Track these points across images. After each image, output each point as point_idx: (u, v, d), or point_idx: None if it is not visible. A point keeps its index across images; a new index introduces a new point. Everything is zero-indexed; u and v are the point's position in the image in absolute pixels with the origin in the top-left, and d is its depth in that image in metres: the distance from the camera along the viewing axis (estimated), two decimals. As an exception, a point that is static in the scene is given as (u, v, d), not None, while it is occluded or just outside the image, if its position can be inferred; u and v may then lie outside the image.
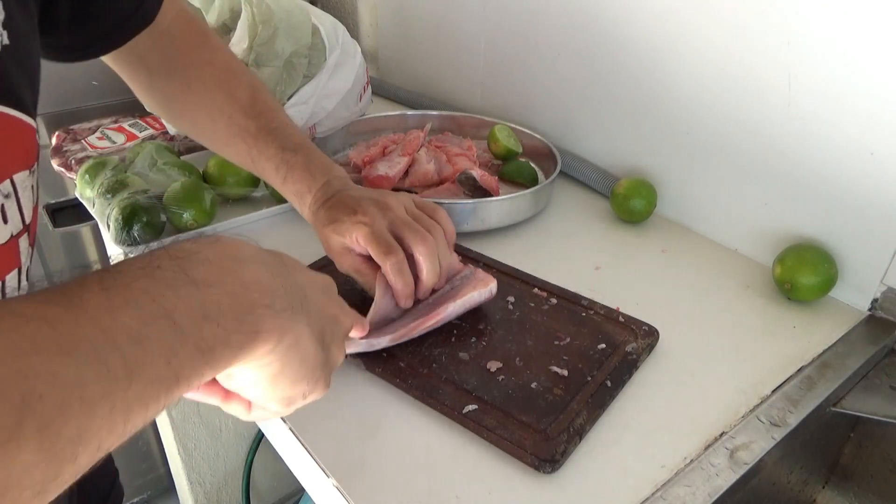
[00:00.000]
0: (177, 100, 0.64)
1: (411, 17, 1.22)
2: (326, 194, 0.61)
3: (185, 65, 0.63)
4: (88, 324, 0.26)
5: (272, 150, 0.62)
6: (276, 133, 0.63)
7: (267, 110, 0.64)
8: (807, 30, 0.66)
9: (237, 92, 0.64)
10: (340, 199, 0.60)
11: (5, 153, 0.40)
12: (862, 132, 0.65)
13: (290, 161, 0.62)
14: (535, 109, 1.02)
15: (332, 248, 0.60)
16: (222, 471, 1.31)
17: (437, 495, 0.48)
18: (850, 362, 0.63)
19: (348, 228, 0.57)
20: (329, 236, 0.59)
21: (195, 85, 0.63)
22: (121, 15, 0.56)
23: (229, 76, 0.65)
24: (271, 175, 0.63)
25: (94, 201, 0.77)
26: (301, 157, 0.62)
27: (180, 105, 0.64)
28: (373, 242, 0.56)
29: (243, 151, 0.63)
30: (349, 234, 0.57)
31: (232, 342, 0.32)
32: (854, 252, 0.70)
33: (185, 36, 0.63)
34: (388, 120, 1.03)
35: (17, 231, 0.42)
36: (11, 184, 0.40)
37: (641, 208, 0.83)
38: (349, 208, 0.58)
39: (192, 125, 0.67)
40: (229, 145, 0.64)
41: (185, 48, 0.63)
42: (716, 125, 0.78)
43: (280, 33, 0.80)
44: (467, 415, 0.52)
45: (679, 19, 0.78)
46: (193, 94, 0.63)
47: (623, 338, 0.61)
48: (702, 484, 0.49)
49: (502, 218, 0.80)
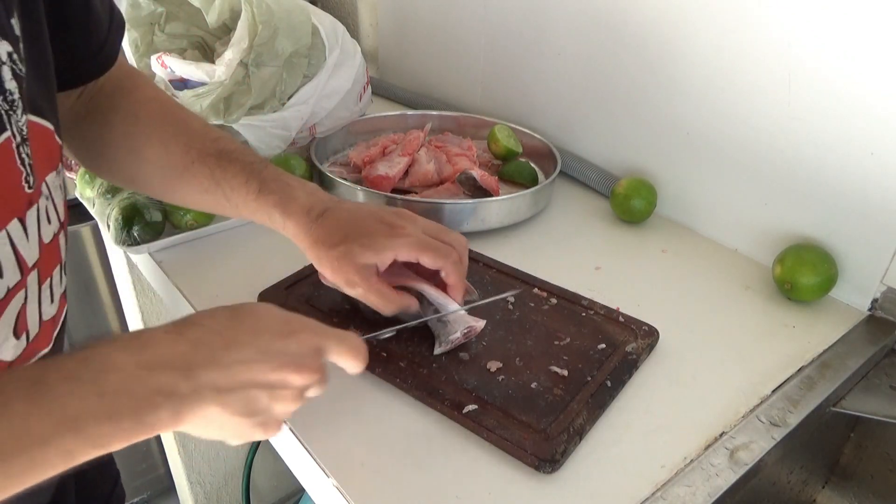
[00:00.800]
0: (122, 138, 0.60)
1: (411, 17, 1.22)
2: (320, 204, 0.57)
3: (133, 101, 0.60)
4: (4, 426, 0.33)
5: (237, 166, 0.58)
6: (238, 153, 0.59)
7: (222, 136, 0.61)
8: (807, 30, 0.66)
9: (190, 120, 0.61)
10: (346, 213, 0.56)
11: (37, 158, 0.42)
12: (862, 132, 0.65)
13: (262, 173, 0.58)
14: (535, 109, 1.02)
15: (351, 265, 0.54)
16: (222, 471, 1.31)
17: (437, 495, 0.48)
18: (850, 362, 0.63)
19: (388, 245, 0.54)
20: (356, 251, 0.54)
21: (144, 118, 0.60)
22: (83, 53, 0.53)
23: (178, 108, 0.62)
24: (240, 191, 0.58)
25: (94, 201, 0.77)
26: (271, 170, 0.59)
27: (126, 143, 0.60)
28: (428, 249, 0.54)
29: (204, 175, 0.58)
30: (391, 250, 0.53)
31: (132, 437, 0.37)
32: (854, 252, 0.70)
33: (130, 79, 0.61)
34: (388, 120, 1.03)
35: (57, 229, 0.45)
36: (46, 186, 0.43)
37: (641, 208, 0.83)
38: (376, 222, 0.55)
39: (140, 163, 0.60)
40: (187, 172, 0.59)
41: (128, 89, 0.60)
42: (716, 125, 0.78)
43: (280, 33, 0.79)
44: (467, 415, 0.52)
45: (679, 19, 0.78)
46: (142, 126, 0.59)
47: (623, 338, 0.61)
48: (702, 484, 0.49)
49: (502, 218, 0.80)
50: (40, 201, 0.42)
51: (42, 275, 0.44)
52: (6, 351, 0.41)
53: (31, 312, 0.43)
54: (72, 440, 0.34)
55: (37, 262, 0.42)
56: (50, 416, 0.33)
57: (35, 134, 0.42)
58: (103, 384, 0.35)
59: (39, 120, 0.43)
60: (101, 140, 0.59)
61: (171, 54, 0.83)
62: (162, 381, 0.37)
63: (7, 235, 0.39)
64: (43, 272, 0.44)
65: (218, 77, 0.78)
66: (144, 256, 0.75)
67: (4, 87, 0.38)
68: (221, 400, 0.39)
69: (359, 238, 0.54)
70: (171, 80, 0.83)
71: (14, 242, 0.40)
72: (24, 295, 0.42)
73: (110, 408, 0.35)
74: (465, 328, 0.58)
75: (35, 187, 0.42)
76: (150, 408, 0.36)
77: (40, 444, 0.33)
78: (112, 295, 1.32)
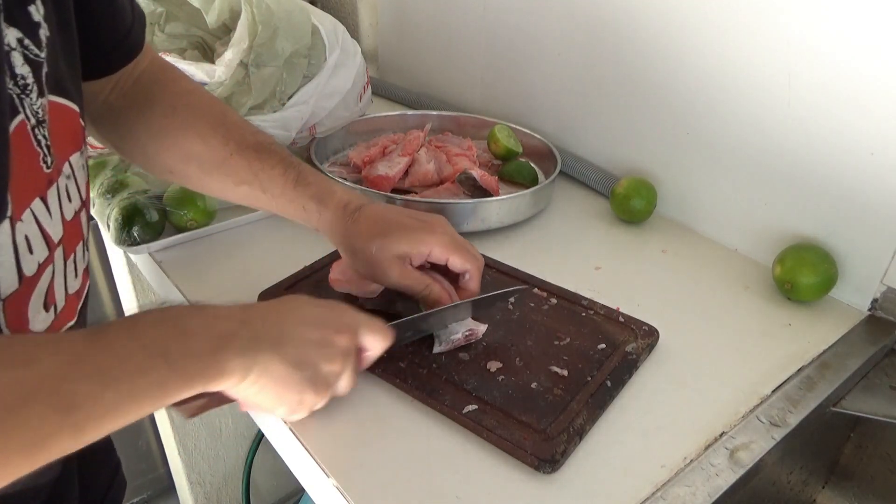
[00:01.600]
0: (160, 130, 0.62)
1: (411, 17, 1.22)
2: (358, 200, 0.60)
3: (171, 93, 0.62)
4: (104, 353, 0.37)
5: (276, 158, 0.61)
6: (275, 146, 0.62)
7: (259, 130, 0.63)
8: (807, 30, 0.66)
9: (227, 113, 0.63)
10: (383, 211, 0.59)
11: (62, 139, 0.44)
12: (862, 132, 0.65)
13: (299, 167, 0.61)
14: (535, 109, 1.02)
15: (388, 257, 0.57)
16: (222, 471, 1.31)
17: (437, 495, 0.48)
18: (850, 362, 0.63)
19: (426, 239, 0.57)
20: (390, 246, 0.56)
21: (181, 110, 0.62)
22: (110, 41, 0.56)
23: (215, 101, 0.64)
24: (278, 181, 0.60)
25: (94, 201, 0.77)
26: (306, 165, 0.62)
27: (164, 134, 0.62)
28: (462, 250, 0.58)
29: (242, 167, 0.61)
30: (427, 245, 0.57)
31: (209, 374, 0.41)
32: (854, 252, 0.70)
33: (164, 72, 0.63)
34: (388, 120, 1.03)
35: (79, 207, 0.47)
36: (70, 166, 0.46)
37: (641, 208, 0.83)
38: (413, 220, 0.59)
39: (178, 155, 0.62)
40: (225, 164, 0.61)
41: (165, 81, 0.62)
42: (716, 125, 0.78)
43: (280, 33, 0.79)
44: (467, 415, 0.52)
45: (679, 19, 0.78)
46: (180, 119, 0.61)
47: (623, 338, 0.61)
48: (702, 484, 0.49)
49: (502, 218, 0.80)
50: (60, 180, 0.44)
51: (66, 250, 0.46)
52: (38, 323, 0.43)
53: (58, 286, 0.45)
54: (165, 372, 0.38)
55: (61, 239, 0.45)
56: (145, 349, 0.38)
57: (58, 114, 0.44)
58: (185, 326, 0.41)
59: (64, 101, 0.45)
60: (138, 131, 0.62)
61: (171, 54, 0.83)
62: (227, 327, 0.43)
63: (32, 214, 0.42)
64: (67, 248, 0.46)
65: (218, 77, 0.78)
66: (144, 256, 0.75)
67: (15, 73, 0.39)
68: (278, 350, 0.44)
69: (396, 232, 0.57)
70: (171, 80, 0.83)
71: (39, 220, 0.42)
72: (52, 270, 0.44)
73: (192, 346, 0.40)
74: (467, 330, 0.58)
75: (53, 167, 0.44)
76: (221, 350, 0.41)
77: (139, 372, 0.37)
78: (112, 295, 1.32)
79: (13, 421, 0.32)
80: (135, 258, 0.78)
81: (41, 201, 0.42)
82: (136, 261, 0.79)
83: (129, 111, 0.61)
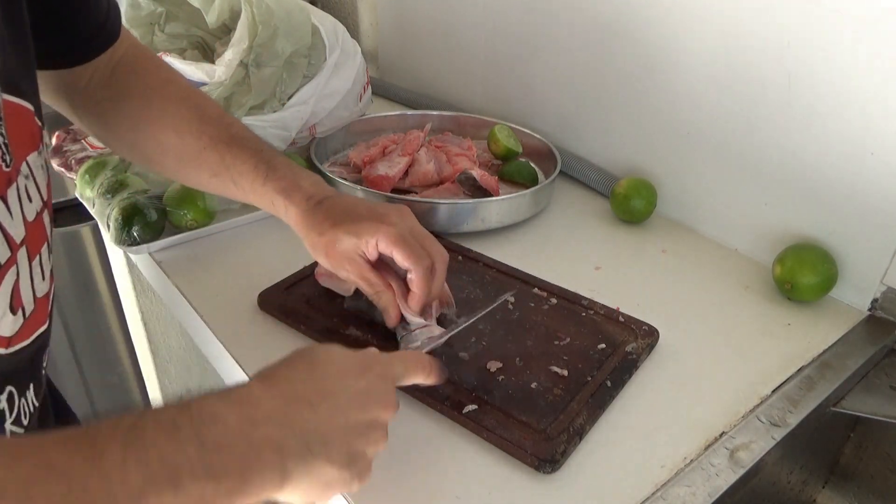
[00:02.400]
0: (137, 122, 0.61)
1: (411, 17, 1.22)
2: (321, 192, 0.59)
3: (146, 85, 0.61)
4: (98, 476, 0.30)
5: (248, 153, 0.59)
6: (249, 140, 0.61)
7: (235, 122, 0.62)
8: (807, 30, 0.66)
9: (204, 105, 0.62)
10: (343, 202, 0.58)
11: (18, 139, 0.43)
12: (862, 132, 0.65)
13: (271, 161, 0.59)
14: (535, 109, 1.02)
15: (339, 251, 0.56)
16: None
17: (437, 495, 0.48)
18: (850, 362, 0.63)
19: (370, 229, 0.54)
20: (341, 237, 0.55)
21: (157, 102, 0.61)
22: (88, 28, 0.55)
23: (192, 92, 0.63)
24: (248, 176, 0.59)
25: (94, 201, 0.77)
26: (280, 159, 0.60)
27: (141, 126, 0.61)
28: (405, 245, 0.54)
29: (215, 161, 0.60)
30: (372, 235, 0.54)
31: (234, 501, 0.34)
32: (854, 252, 0.70)
33: (143, 61, 0.62)
34: (388, 120, 1.03)
35: (40, 208, 0.46)
36: (28, 166, 0.44)
37: (641, 208, 0.83)
38: (368, 211, 0.56)
39: (155, 146, 0.62)
40: (198, 159, 0.60)
41: (142, 71, 0.62)
42: (716, 125, 0.78)
43: (280, 33, 0.79)
44: (467, 415, 0.52)
45: (679, 19, 0.78)
46: (157, 111, 0.61)
47: (623, 338, 0.61)
48: (702, 484, 0.49)
49: (502, 218, 0.80)
50: (19, 180, 0.43)
51: (31, 252, 0.44)
52: (4, 326, 0.42)
53: (24, 288, 0.43)
54: (169, 497, 0.31)
55: (24, 240, 0.43)
56: (147, 466, 0.31)
57: (12, 113, 0.42)
58: (204, 435, 0.33)
59: (17, 100, 0.43)
60: (117, 121, 0.61)
61: (171, 54, 0.83)
62: (270, 435, 0.35)
63: None
64: (32, 249, 0.44)
65: (218, 77, 0.78)
66: (144, 256, 0.75)
67: None
68: (327, 454, 0.38)
69: (346, 224, 0.55)
70: (171, 80, 0.83)
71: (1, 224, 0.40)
72: (16, 271, 0.42)
73: (212, 462, 0.33)
74: (427, 338, 0.57)
75: (12, 166, 0.42)
76: (258, 465, 0.34)
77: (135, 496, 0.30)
78: (112, 295, 1.32)
79: None
80: (135, 258, 0.78)
81: (1, 201, 0.40)
82: (136, 261, 0.79)
83: (108, 101, 0.60)
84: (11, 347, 0.43)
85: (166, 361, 1.11)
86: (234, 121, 0.63)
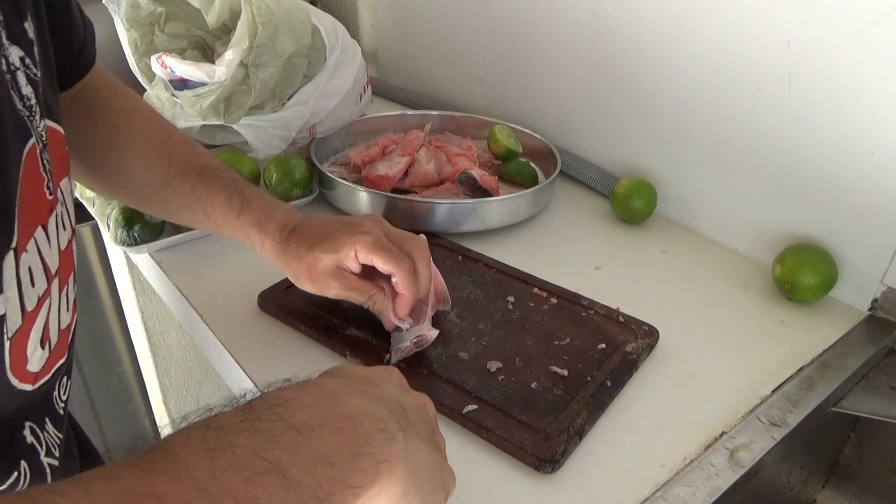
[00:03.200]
0: (102, 149, 0.59)
1: (411, 17, 1.22)
2: (293, 221, 0.58)
3: (113, 111, 0.59)
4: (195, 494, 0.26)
5: (221, 184, 0.58)
6: (221, 170, 0.60)
7: (204, 152, 0.61)
8: (807, 30, 0.66)
9: (172, 133, 0.61)
10: (314, 224, 0.57)
11: (55, 164, 0.41)
12: (862, 132, 0.65)
13: (245, 191, 0.58)
14: (535, 109, 1.02)
15: (321, 271, 0.56)
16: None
17: (437, 495, 0.48)
18: (850, 362, 0.63)
19: (347, 241, 0.54)
20: (320, 256, 0.55)
21: (125, 129, 0.59)
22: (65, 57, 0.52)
23: (160, 120, 0.62)
24: (222, 208, 0.58)
25: (94, 201, 0.77)
26: (253, 189, 0.59)
27: (106, 154, 0.59)
28: (383, 250, 0.54)
29: (185, 191, 0.58)
30: (349, 246, 0.54)
31: (352, 482, 0.30)
32: (854, 252, 0.70)
33: (109, 87, 0.60)
34: (388, 120, 1.03)
35: (70, 235, 0.44)
36: (61, 191, 0.43)
37: (641, 208, 0.83)
38: (340, 225, 0.56)
39: (120, 174, 0.60)
40: (167, 188, 0.59)
41: (109, 97, 0.60)
42: (716, 125, 0.78)
43: (280, 33, 0.79)
44: (467, 415, 0.52)
45: (679, 19, 0.78)
46: (123, 139, 0.59)
47: (623, 338, 0.61)
48: (702, 484, 0.49)
49: (502, 218, 0.80)
50: (58, 207, 0.42)
51: (61, 282, 0.43)
52: (34, 362, 0.40)
53: (52, 321, 0.42)
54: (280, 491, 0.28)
55: (58, 270, 0.42)
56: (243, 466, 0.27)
57: (51, 139, 0.41)
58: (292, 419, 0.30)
59: (54, 125, 0.42)
60: (81, 148, 0.59)
61: (171, 54, 0.83)
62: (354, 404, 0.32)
63: (35, 244, 0.38)
64: (62, 279, 0.43)
65: (218, 77, 0.78)
66: (144, 256, 0.75)
67: (22, 93, 0.37)
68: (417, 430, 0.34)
69: (322, 244, 0.55)
70: (171, 80, 0.83)
71: (41, 251, 0.39)
72: (49, 303, 0.41)
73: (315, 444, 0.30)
74: (416, 337, 0.57)
75: (54, 193, 0.41)
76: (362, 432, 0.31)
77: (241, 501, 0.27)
78: (112, 295, 1.32)
79: None
80: (135, 258, 0.78)
81: (42, 230, 0.39)
82: (136, 261, 0.79)
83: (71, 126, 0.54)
84: (37, 383, 0.41)
85: (166, 361, 1.11)
86: (204, 150, 0.62)
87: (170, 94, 0.82)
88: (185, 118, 0.81)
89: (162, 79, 0.83)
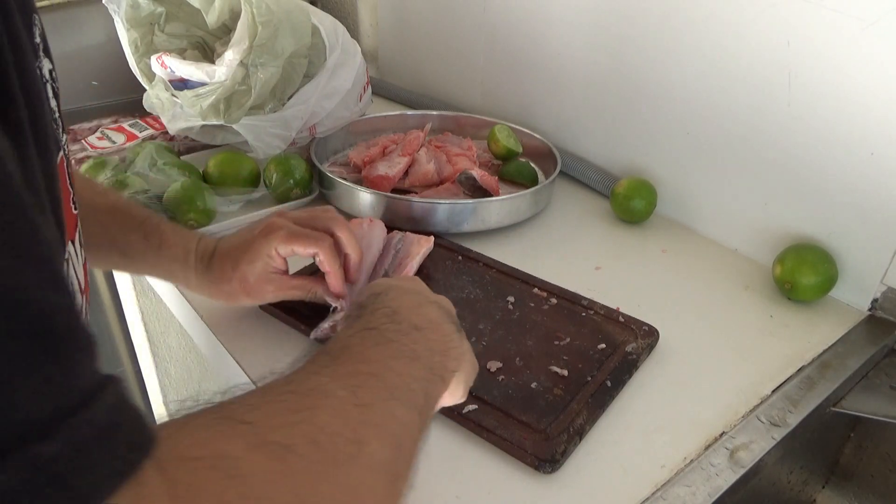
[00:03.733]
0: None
1: (411, 17, 1.22)
2: (209, 247, 0.58)
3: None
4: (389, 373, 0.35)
5: (134, 222, 0.57)
6: (130, 207, 0.58)
7: (110, 190, 0.59)
8: (807, 30, 0.66)
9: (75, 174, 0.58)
10: (227, 242, 0.57)
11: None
12: (862, 132, 0.65)
13: (159, 226, 0.58)
14: (535, 109, 1.02)
15: (253, 283, 0.56)
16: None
17: (437, 495, 0.48)
18: (850, 362, 0.63)
19: (263, 244, 0.55)
20: (247, 269, 0.55)
21: None
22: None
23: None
24: (139, 246, 0.57)
25: (94, 201, 0.77)
26: (164, 223, 0.58)
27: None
28: (298, 237, 0.55)
29: (95, 232, 0.55)
30: (268, 246, 0.54)
31: (450, 367, 0.40)
32: (854, 252, 0.70)
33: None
34: (388, 120, 1.03)
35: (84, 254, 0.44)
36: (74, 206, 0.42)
37: (641, 208, 0.83)
38: (251, 232, 0.56)
39: None
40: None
41: None
42: (716, 125, 0.78)
43: (280, 33, 0.79)
44: (467, 415, 0.52)
45: (679, 19, 0.78)
46: None
47: (623, 338, 0.61)
48: (702, 484, 0.49)
49: (502, 218, 0.80)
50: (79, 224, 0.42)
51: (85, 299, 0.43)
52: None
53: None
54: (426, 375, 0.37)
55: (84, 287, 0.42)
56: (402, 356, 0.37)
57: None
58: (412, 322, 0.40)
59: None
60: None
61: (171, 54, 0.83)
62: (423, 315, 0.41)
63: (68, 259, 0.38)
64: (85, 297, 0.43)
65: (218, 77, 0.78)
66: (144, 256, 0.74)
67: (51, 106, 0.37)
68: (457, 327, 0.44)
69: (244, 256, 0.56)
70: (171, 80, 0.83)
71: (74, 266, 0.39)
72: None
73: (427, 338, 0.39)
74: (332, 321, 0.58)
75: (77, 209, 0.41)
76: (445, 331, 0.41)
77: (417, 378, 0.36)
78: (112, 295, 1.32)
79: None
80: (135, 258, 0.78)
81: (72, 245, 0.39)
82: (136, 261, 0.78)
83: None
84: None
85: (166, 361, 1.11)
86: (107, 189, 0.59)
87: (170, 94, 0.82)
88: (185, 118, 0.81)
89: (162, 79, 0.83)
